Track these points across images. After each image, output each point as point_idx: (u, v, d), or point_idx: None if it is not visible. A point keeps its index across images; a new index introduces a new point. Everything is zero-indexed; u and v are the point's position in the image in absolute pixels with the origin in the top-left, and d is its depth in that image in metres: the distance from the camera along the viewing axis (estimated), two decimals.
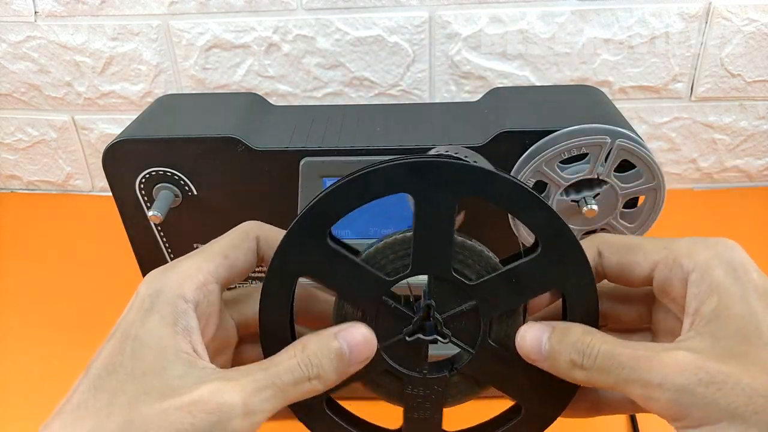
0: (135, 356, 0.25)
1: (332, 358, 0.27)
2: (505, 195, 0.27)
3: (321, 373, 0.27)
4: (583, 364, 0.26)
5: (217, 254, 0.29)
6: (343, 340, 0.27)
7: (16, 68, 0.77)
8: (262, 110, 0.48)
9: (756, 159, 0.78)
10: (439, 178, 0.27)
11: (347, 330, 0.28)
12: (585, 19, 0.69)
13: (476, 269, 0.28)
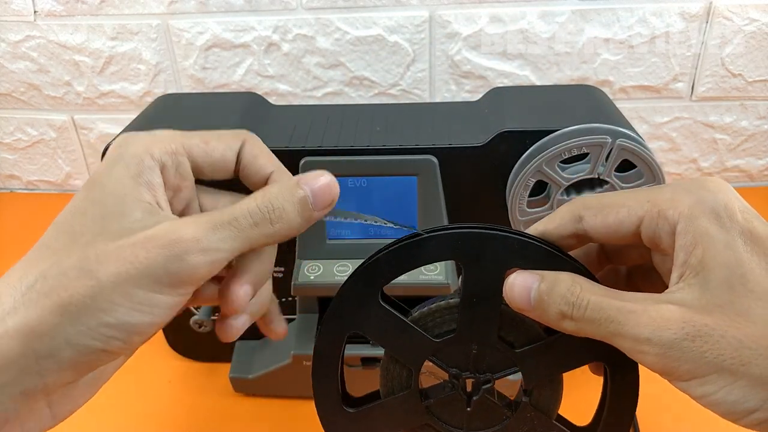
0: (96, 202, 0.26)
1: (295, 202, 0.27)
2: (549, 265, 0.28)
3: (284, 216, 0.27)
4: (573, 315, 0.25)
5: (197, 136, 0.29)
6: (306, 185, 0.28)
7: (15, 68, 0.77)
8: (261, 110, 0.48)
9: (757, 159, 0.78)
10: (493, 251, 0.27)
11: (309, 175, 0.28)
12: (585, 19, 0.69)
13: (521, 339, 0.29)
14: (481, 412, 0.30)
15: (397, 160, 0.42)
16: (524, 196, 0.41)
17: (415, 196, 0.43)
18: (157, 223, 0.26)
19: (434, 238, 0.28)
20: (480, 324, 0.29)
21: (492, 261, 0.28)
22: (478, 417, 0.31)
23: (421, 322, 0.30)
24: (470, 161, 0.42)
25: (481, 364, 0.30)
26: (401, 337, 0.29)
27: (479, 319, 0.29)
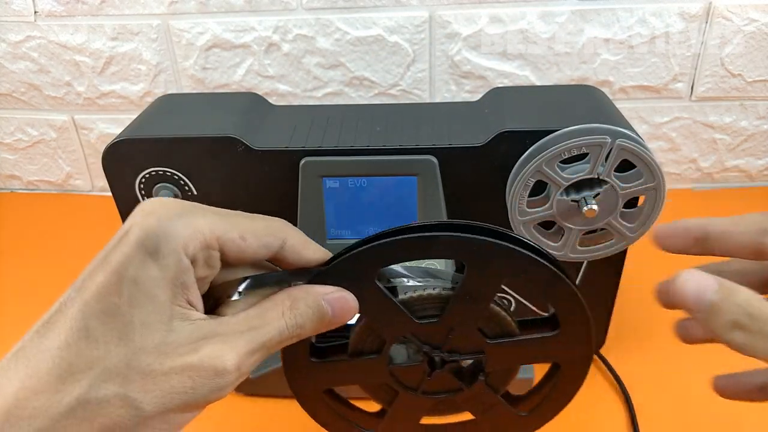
0: (133, 304, 0.24)
1: (314, 319, 0.28)
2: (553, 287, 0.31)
3: (302, 333, 0.28)
4: (750, 326, 0.25)
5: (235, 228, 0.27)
6: (329, 305, 0.29)
7: (15, 68, 0.77)
8: (261, 110, 0.48)
9: (756, 159, 0.78)
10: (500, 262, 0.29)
11: (335, 295, 0.29)
12: (585, 19, 0.69)
13: (495, 330, 0.32)
14: (439, 381, 0.33)
15: (397, 160, 0.42)
16: (524, 196, 0.41)
17: (415, 196, 0.43)
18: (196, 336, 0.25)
19: (450, 238, 0.29)
20: (465, 318, 0.31)
21: (497, 270, 0.30)
22: (435, 384, 0.33)
23: (409, 305, 0.31)
24: (470, 161, 0.42)
25: (453, 345, 0.32)
26: (386, 314, 0.31)
27: (466, 314, 0.31)
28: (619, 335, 0.55)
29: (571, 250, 0.43)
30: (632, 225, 0.42)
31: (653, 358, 0.54)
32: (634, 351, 0.54)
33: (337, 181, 0.43)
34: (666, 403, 0.49)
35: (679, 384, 0.51)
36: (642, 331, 0.57)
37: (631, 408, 0.48)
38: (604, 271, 0.47)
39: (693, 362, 0.53)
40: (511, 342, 0.32)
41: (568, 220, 0.42)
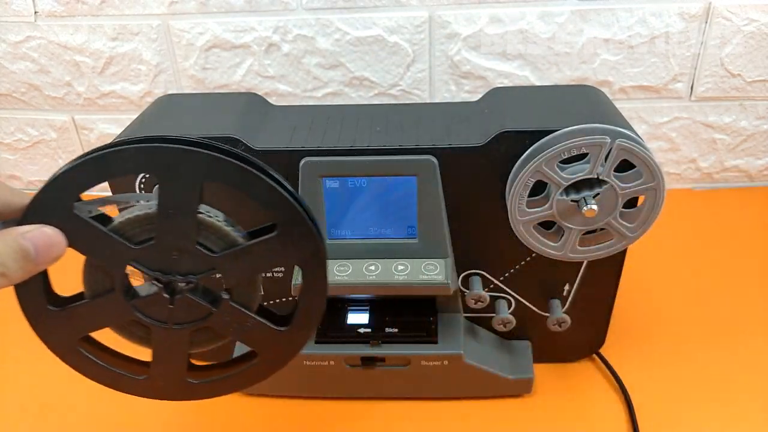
0: None
1: (17, 257, 0.29)
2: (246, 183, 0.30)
3: (5, 271, 0.28)
4: None
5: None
6: (30, 241, 0.29)
7: (16, 68, 0.77)
8: (262, 110, 0.48)
9: (756, 159, 0.78)
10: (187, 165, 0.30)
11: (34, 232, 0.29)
12: (585, 19, 0.69)
13: (219, 244, 0.32)
14: (185, 308, 0.33)
15: (397, 160, 0.42)
16: (524, 196, 0.41)
17: (414, 196, 0.43)
18: None
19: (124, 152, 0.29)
20: (178, 233, 0.31)
21: (186, 175, 0.30)
22: (183, 312, 0.33)
23: (122, 231, 0.31)
24: (470, 161, 0.42)
25: (184, 267, 0.32)
26: (101, 244, 0.31)
27: (177, 229, 0.31)
28: (619, 335, 0.55)
29: (571, 250, 0.43)
30: (632, 225, 0.42)
31: (653, 358, 0.54)
32: (634, 351, 0.54)
33: (337, 181, 0.43)
34: (666, 403, 0.49)
35: (678, 384, 0.51)
36: (642, 331, 0.57)
37: (631, 408, 0.49)
38: (603, 271, 0.47)
39: (693, 362, 0.53)
40: (239, 251, 0.32)
41: (567, 220, 0.42)
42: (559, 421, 0.49)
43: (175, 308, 0.33)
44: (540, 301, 0.49)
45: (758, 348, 0.54)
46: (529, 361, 0.50)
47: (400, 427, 0.49)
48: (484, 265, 0.47)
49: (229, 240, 0.32)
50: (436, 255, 0.45)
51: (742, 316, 0.58)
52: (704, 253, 0.67)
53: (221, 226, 0.32)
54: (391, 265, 0.44)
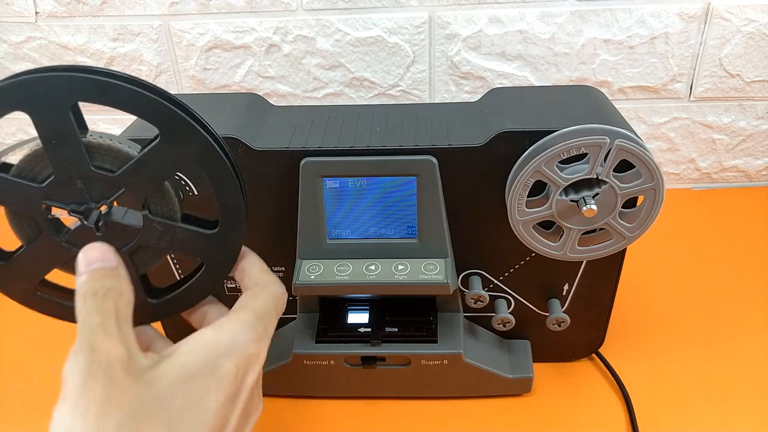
0: None
1: None
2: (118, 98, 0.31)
3: None
4: None
5: None
6: None
7: (17, 69, 0.77)
8: (262, 110, 0.48)
9: (755, 159, 0.78)
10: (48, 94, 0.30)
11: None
12: (584, 20, 0.69)
13: (116, 163, 0.33)
14: (114, 233, 0.34)
15: (397, 161, 0.42)
16: (523, 196, 0.41)
17: (414, 197, 0.43)
18: None
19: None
20: (71, 161, 0.32)
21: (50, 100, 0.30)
22: (114, 237, 0.34)
23: (24, 173, 0.32)
24: (470, 161, 0.42)
25: (96, 194, 0.33)
26: (10, 191, 0.32)
27: (68, 157, 0.32)
28: (619, 335, 0.55)
29: (570, 249, 0.44)
30: (631, 225, 0.42)
31: (652, 357, 0.54)
32: (633, 350, 0.54)
33: (337, 181, 0.43)
34: (665, 403, 0.50)
35: (677, 383, 0.51)
36: (641, 331, 0.57)
37: (631, 408, 0.49)
38: (603, 271, 0.47)
39: (692, 361, 0.53)
40: (134, 164, 0.32)
41: (567, 220, 0.42)
42: (559, 420, 0.49)
43: (104, 236, 0.34)
44: (539, 301, 0.49)
45: (757, 347, 0.54)
46: (528, 361, 0.50)
47: (400, 426, 0.49)
48: (484, 264, 0.48)
49: (123, 156, 0.33)
50: (436, 255, 0.45)
51: (741, 316, 0.58)
52: (703, 253, 0.67)
53: (110, 144, 0.33)
54: (391, 265, 0.44)
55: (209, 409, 0.28)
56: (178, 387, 0.28)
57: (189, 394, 0.28)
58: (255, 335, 0.32)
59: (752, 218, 0.72)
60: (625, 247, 0.44)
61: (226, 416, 0.29)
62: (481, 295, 0.48)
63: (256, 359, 0.32)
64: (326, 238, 0.45)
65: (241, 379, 0.30)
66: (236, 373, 0.30)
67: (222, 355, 0.30)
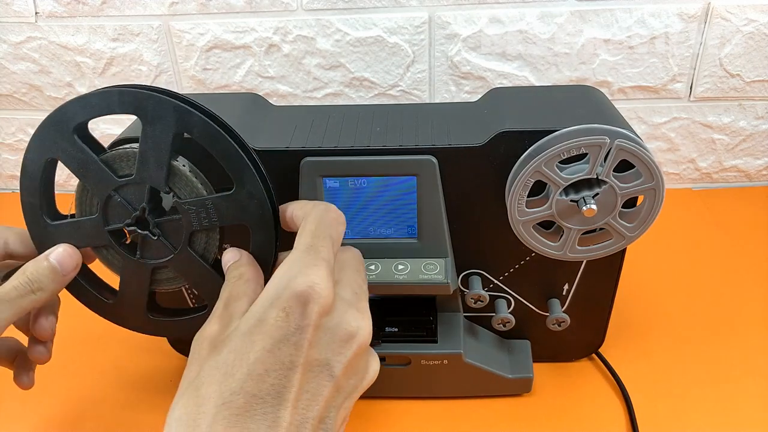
0: None
1: (47, 274, 0.37)
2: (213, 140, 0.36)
3: (42, 287, 0.36)
4: None
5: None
6: (54, 259, 0.37)
7: (17, 69, 0.77)
8: (262, 110, 0.48)
9: (755, 159, 0.78)
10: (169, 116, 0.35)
11: (55, 251, 0.38)
12: (584, 20, 0.69)
13: (187, 192, 0.37)
14: (168, 229, 0.38)
15: (397, 160, 0.42)
16: (523, 196, 0.41)
17: (414, 196, 0.43)
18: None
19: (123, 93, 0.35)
20: (153, 172, 0.36)
21: (167, 124, 0.35)
22: (169, 234, 0.38)
23: (110, 162, 0.37)
24: (470, 161, 0.42)
25: (155, 210, 0.37)
26: (91, 170, 0.37)
27: (152, 171, 0.36)
28: (619, 335, 0.55)
29: (570, 249, 0.44)
30: (631, 225, 0.42)
31: (653, 357, 0.54)
32: (633, 351, 0.54)
33: (337, 181, 0.43)
34: (665, 403, 0.50)
35: (678, 383, 0.51)
36: (641, 331, 0.57)
37: (630, 408, 0.49)
38: (603, 271, 0.47)
39: (692, 361, 0.53)
40: (198, 201, 0.36)
41: (567, 219, 0.42)
42: (559, 421, 0.49)
43: (163, 235, 0.38)
44: (539, 301, 0.49)
45: (757, 347, 0.54)
46: (528, 361, 0.50)
47: (400, 426, 0.49)
48: (484, 264, 0.48)
49: (196, 191, 0.37)
50: (436, 255, 0.45)
51: (741, 316, 0.58)
52: (703, 253, 0.67)
53: (189, 176, 0.37)
54: (391, 265, 0.44)
55: (254, 359, 0.28)
56: (233, 347, 0.29)
57: (239, 348, 0.28)
58: (301, 266, 0.30)
59: (752, 218, 0.72)
60: (625, 247, 0.44)
61: (280, 360, 0.28)
62: (481, 295, 0.48)
63: (312, 290, 0.29)
64: None
65: (298, 318, 0.28)
66: (285, 317, 0.28)
67: (267, 306, 0.29)
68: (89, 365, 0.56)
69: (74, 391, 0.53)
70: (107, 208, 0.37)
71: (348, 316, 0.30)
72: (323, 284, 0.30)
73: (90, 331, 0.59)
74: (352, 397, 0.31)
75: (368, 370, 0.32)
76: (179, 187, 0.37)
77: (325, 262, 0.31)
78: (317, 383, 0.29)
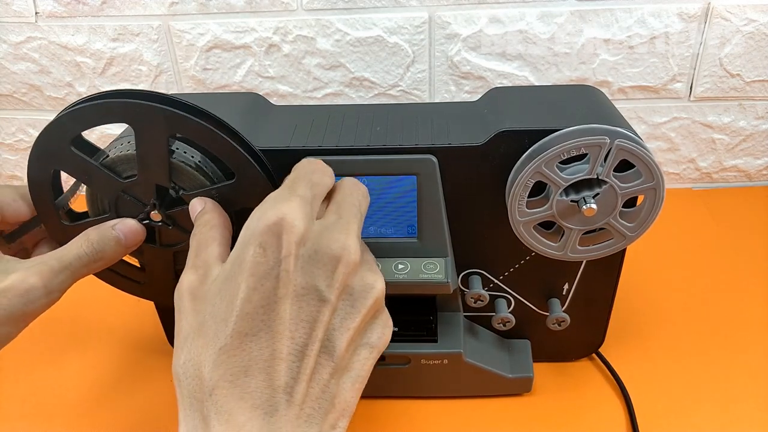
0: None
1: (112, 245, 0.38)
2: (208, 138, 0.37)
3: (104, 256, 0.38)
4: None
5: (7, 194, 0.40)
6: (119, 230, 0.38)
7: (17, 69, 0.77)
8: (262, 110, 0.49)
9: (755, 159, 0.78)
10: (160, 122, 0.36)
11: (122, 222, 0.39)
12: (584, 20, 0.69)
13: (191, 184, 0.39)
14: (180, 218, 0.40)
15: (397, 160, 0.42)
16: (523, 196, 0.41)
17: (414, 196, 0.43)
18: (7, 270, 0.35)
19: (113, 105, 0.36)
20: (155, 172, 0.38)
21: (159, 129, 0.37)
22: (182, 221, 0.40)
23: (112, 166, 0.39)
24: (469, 160, 0.42)
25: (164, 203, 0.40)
26: (95, 176, 0.39)
27: (154, 169, 0.38)
28: (619, 335, 0.55)
29: (571, 249, 0.44)
30: (632, 224, 0.42)
31: (652, 357, 0.54)
32: (633, 351, 0.54)
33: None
34: (665, 403, 0.50)
35: (678, 383, 0.51)
36: (641, 331, 0.57)
37: (631, 408, 0.49)
38: (603, 271, 0.47)
39: (692, 361, 0.53)
40: (203, 192, 0.39)
41: (567, 220, 0.42)
42: (559, 420, 0.49)
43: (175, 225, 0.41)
44: (539, 300, 0.49)
45: (757, 347, 0.54)
46: (528, 360, 0.50)
47: (399, 426, 0.49)
48: (484, 264, 0.48)
49: (197, 183, 0.39)
50: (436, 254, 0.45)
51: (742, 316, 0.58)
52: (703, 253, 0.67)
53: (190, 170, 0.39)
54: (391, 265, 0.44)
55: (240, 299, 0.28)
56: (220, 293, 0.29)
57: (225, 295, 0.29)
58: (273, 202, 0.30)
59: (752, 218, 0.72)
60: (626, 246, 0.44)
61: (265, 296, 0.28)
62: (481, 294, 0.48)
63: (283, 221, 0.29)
64: None
65: (275, 251, 0.28)
66: (263, 252, 0.28)
67: (244, 246, 0.29)
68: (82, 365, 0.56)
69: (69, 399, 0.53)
70: (118, 206, 0.40)
71: (329, 240, 0.30)
72: (293, 214, 0.29)
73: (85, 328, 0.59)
74: (353, 317, 0.30)
75: (369, 287, 0.31)
76: (183, 180, 0.39)
77: (299, 197, 0.30)
78: (309, 310, 0.29)
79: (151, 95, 0.37)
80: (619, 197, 0.41)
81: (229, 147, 0.38)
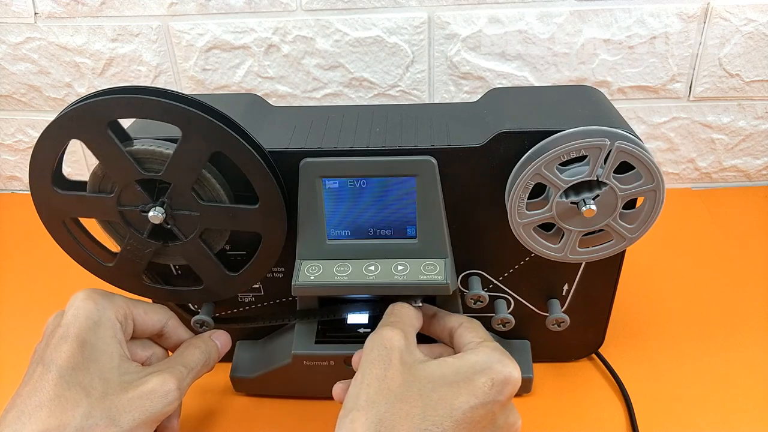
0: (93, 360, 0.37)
1: (214, 352, 0.45)
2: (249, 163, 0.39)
3: (210, 362, 0.44)
4: None
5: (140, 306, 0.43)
6: (216, 340, 0.45)
7: (16, 69, 0.77)
8: (261, 111, 0.48)
9: (754, 158, 0.78)
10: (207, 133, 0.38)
11: (217, 334, 0.46)
12: (584, 20, 0.69)
13: (209, 196, 0.41)
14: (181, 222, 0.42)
15: (397, 161, 0.42)
16: (523, 198, 0.41)
17: (414, 197, 0.43)
18: (141, 375, 0.39)
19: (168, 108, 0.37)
20: (181, 176, 0.40)
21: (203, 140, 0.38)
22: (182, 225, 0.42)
23: (137, 156, 0.40)
24: (469, 161, 0.42)
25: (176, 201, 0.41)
26: (116, 158, 0.39)
27: (182, 174, 0.39)
28: (619, 335, 0.55)
29: (570, 251, 0.44)
30: (632, 226, 0.42)
31: (652, 357, 0.54)
32: (633, 350, 0.54)
33: (337, 181, 0.43)
34: (665, 403, 0.50)
35: (677, 383, 0.51)
36: (641, 331, 0.57)
37: (630, 408, 0.49)
38: (602, 272, 0.47)
39: (692, 362, 0.53)
40: (218, 207, 0.41)
41: (567, 221, 0.42)
42: (559, 421, 0.49)
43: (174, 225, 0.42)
44: (539, 301, 0.49)
45: (757, 347, 0.54)
46: (528, 361, 0.50)
47: None
48: (484, 265, 0.48)
49: (215, 195, 0.41)
50: (435, 255, 0.45)
51: (741, 316, 0.58)
52: (703, 253, 0.67)
53: (215, 184, 0.41)
54: (390, 266, 0.44)
55: (458, 407, 0.34)
56: (437, 386, 0.35)
57: (444, 393, 0.35)
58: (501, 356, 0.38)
59: (752, 218, 0.73)
60: (626, 248, 0.44)
61: (476, 420, 0.35)
62: (480, 295, 0.48)
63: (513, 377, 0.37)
64: (326, 239, 0.45)
65: (497, 392, 0.36)
66: (491, 386, 0.36)
67: (477, 371, 0.36)
68: None
69: None
70: (123, 192, 0.41)
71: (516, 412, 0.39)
72: (519, 378, 0.37)
73: None
74: None
75: None
76: (203, 190, 0.41)
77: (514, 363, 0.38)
78: None
79: (211, 109, 0.38)
80: (619, 199, 0.41)
81: (265, 176, 0.40)
